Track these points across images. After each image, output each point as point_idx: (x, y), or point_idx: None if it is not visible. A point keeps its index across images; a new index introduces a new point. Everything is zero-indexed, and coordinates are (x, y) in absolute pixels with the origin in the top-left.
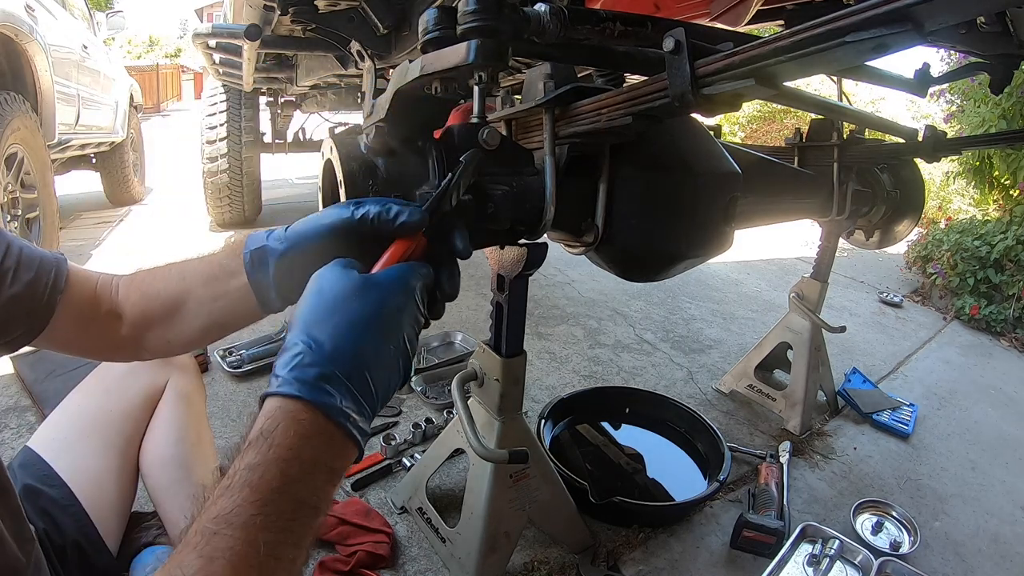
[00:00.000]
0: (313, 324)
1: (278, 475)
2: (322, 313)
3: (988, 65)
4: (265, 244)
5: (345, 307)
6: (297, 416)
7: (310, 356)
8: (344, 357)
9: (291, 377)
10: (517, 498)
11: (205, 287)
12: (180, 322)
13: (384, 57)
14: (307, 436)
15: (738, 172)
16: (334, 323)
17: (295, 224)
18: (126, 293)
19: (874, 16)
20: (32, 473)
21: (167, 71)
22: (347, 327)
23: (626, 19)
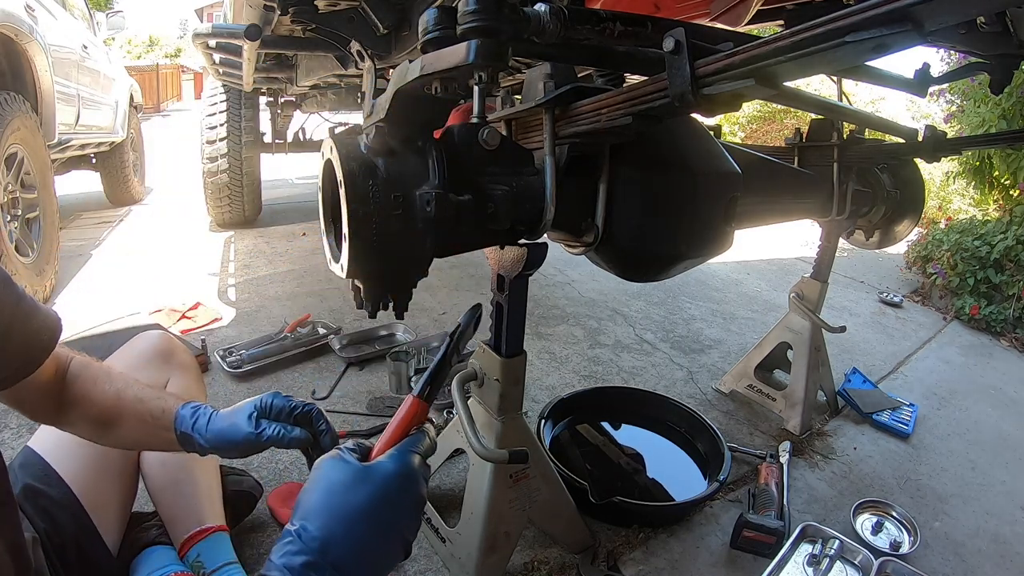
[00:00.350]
0: (308, 514)
1: None
2: (317, 504)
3: (988, 65)
4: (191, 435)
5: (340, 499)
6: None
7: (298, 545)
8: (334, 548)
9: (280, 563)
10: (517, 498)
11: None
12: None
13: (384, 57)
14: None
15: (738, 172)
16: (328, 514)
17: (216, 421)
18: (73, 377)
19: (874, 16)
20: (32, 473)
21: (167, 71)
22: (339, 519)
23: (626, 19)
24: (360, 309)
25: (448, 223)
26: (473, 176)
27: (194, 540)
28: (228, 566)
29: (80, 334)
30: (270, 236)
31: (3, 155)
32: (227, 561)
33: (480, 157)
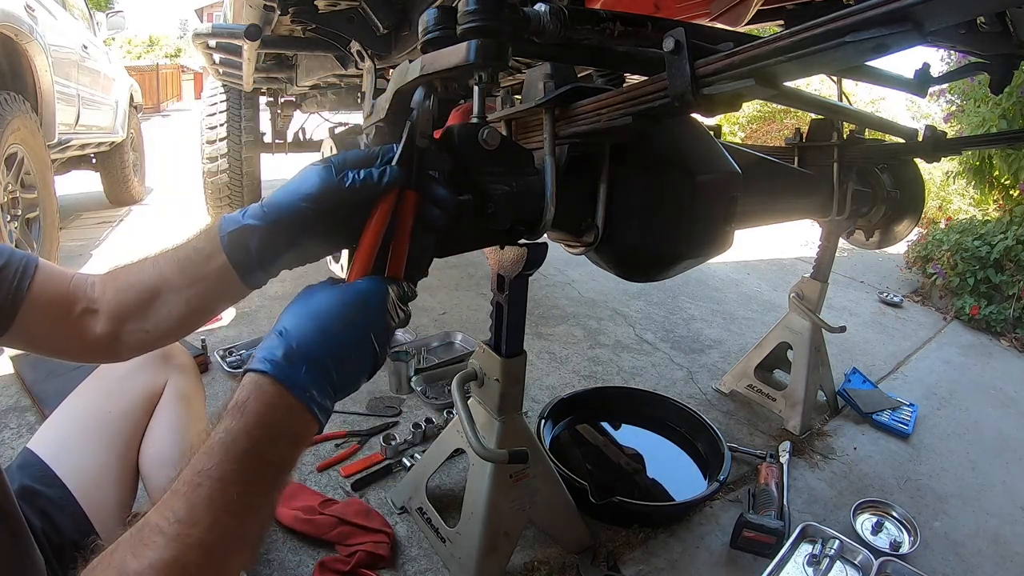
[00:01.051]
0: (288, 319)
1: (246, 438)
2: (297, 311)
3: (988, 65)
4: (242, 224)
5: (315, 304)
6: (265, 389)
7: (279, 341)
8: (307, 341)
9: (262, 357)
10: (517, 498)
11: (181, 273)
12: (157, 311)
13: (384, 57)
14: (272, 406)
15: (738, 172)
16: (305, 317)
17: (272, 196)
18: (102, 289)
19: (874, 16)
20: (31, 474)
21: (167, 71)
22: (315, 320)
23: (626, 19)
24: None
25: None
26: (473, 176)
27: None
28: None
29: None
30: None
31: (3, 155)
32: None
33: (480, 157)
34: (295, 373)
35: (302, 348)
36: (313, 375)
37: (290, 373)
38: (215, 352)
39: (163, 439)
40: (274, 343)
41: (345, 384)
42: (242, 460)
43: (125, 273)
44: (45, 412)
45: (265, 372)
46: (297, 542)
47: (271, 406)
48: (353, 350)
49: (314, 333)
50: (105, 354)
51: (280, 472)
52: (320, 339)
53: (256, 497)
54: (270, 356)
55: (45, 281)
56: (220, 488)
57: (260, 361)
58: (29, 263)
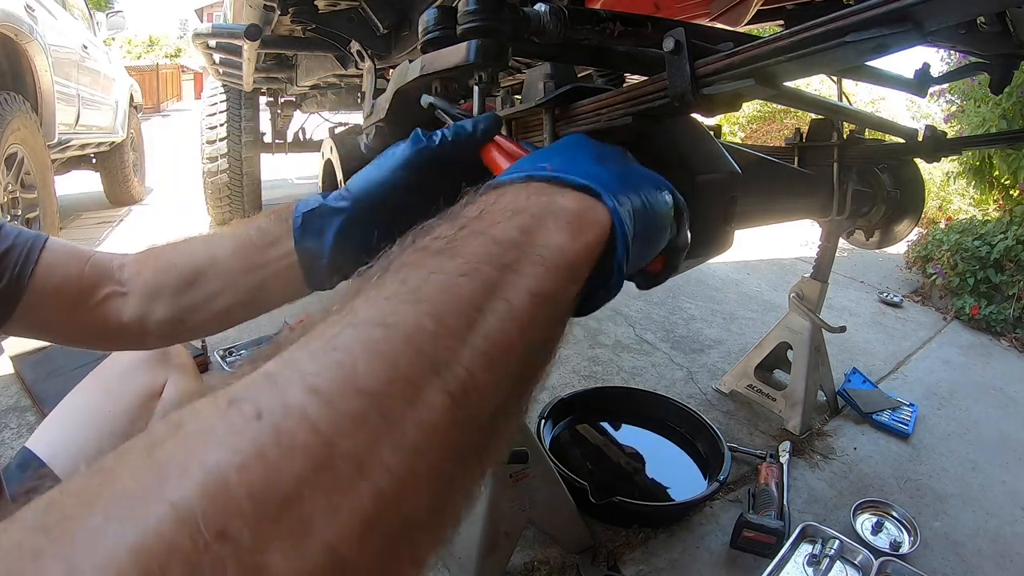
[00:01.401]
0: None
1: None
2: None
3: (988, 65)
4: (323, 204)
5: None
6: (524, 183)
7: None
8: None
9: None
10: (517, 498)
11: (235, 256)
12: (197, 297)
13: (384, 57)
14: (539, 192)
15: (738, 172)
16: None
17: (354, 179)
18: (136, 270)
19: (874, 16)
20: (30, 474)
21: (167, 71)
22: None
23: (626, 19)
24: None
25: None
26: (473, 176)
27: None
28: None
29: None
30: None
31: (3, 155)
32: None
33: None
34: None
35: (577, 167)
36: (618, 186)
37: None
38: (215, 352)
39: None
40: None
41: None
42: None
43: (168, 252)
44: (45, 412)
45: (521, 178)
46: None
47: (536, 192)
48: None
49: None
50: (131, 341)
51: (566, 311)
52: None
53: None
54: (526, 168)
55: (54, 264)
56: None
57: (507, 174)
58: (35, 245)
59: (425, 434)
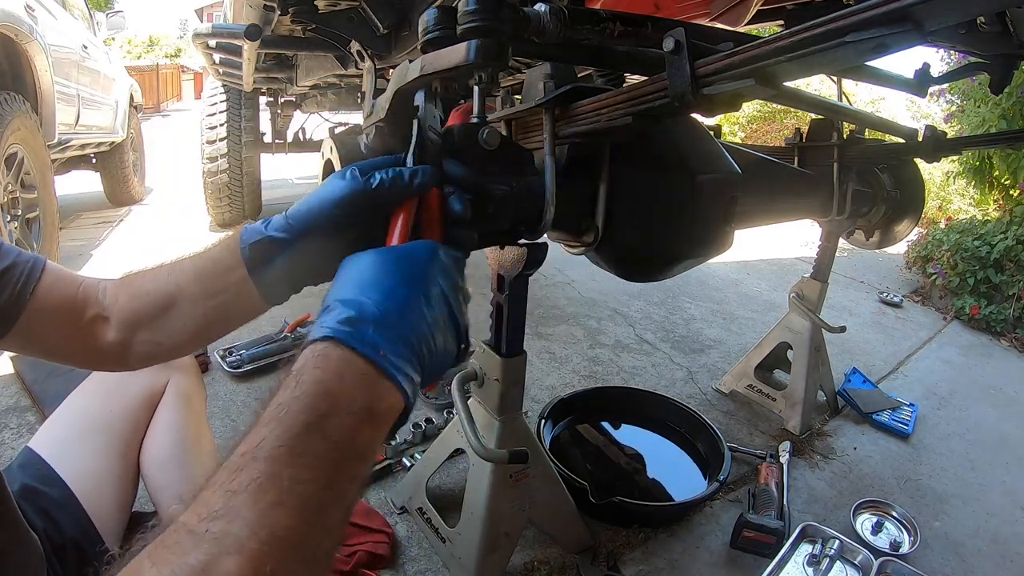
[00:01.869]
0: (343, 289)
1: (305, 408)
2: (353, 280)
3: (988, 65)
4: (264, 235)
5: (377, 271)
6: (326, 352)
7: (340, 309)
8: (378, 307)
9: (319, 325)
10: (517, 498)
11: (198, 283)
12: (171, 323)
13: (384, 57)
14: (336, 371)
15: (738, 172)
16: (367, 282)
17: (296, 207)
18: (115, 295)
19: (874, 16)
20: (32, 474)
21: (167, 71)
22: (380, 284)
23: (626, 19)
24: None
25: None
26: (473, 176)
27: None
28: None
29: None
30: None
31: (3, 155)
32: None
33: (480, 157)
34: (361, 332)
35: (365, 310)
36: (385, 333)
37: (355, 332)
38: (215, 352)
39: (164, 439)
40: (338, 313)
41: (431, 351)
42: (300, 436)
43: (140, 280)
44: (45, 412)
45: (322, 338)
46: None
47: (335, 372)
48: (427, 307)
49: (375, 293)
50: (114, 363)
51: (353, 457)
52: (383, 298)
53: (320, 488)
54: (326, 323)
55: (52, 285)
56: (268, 471)
57: (320, 328)
58: (36, 265)
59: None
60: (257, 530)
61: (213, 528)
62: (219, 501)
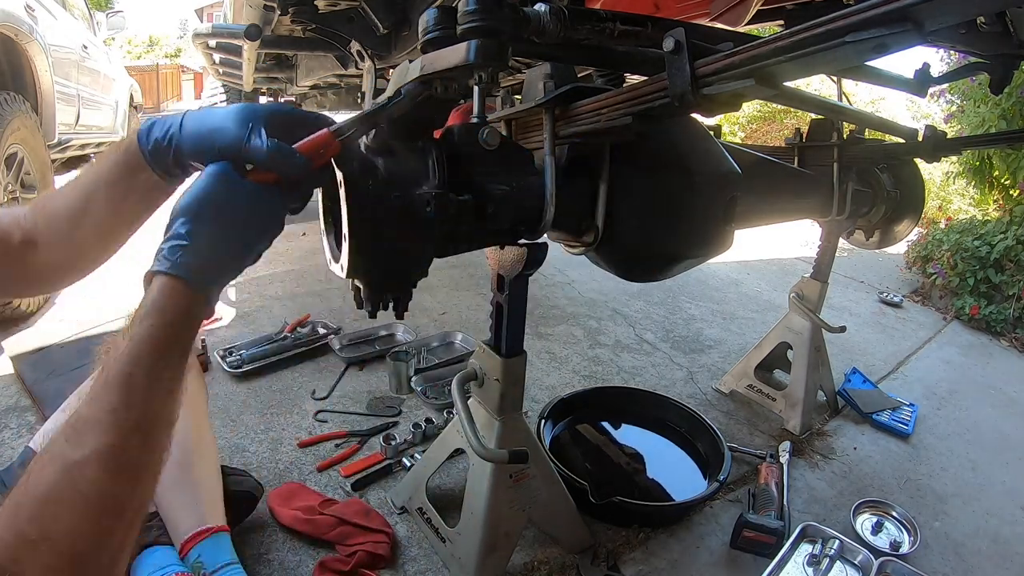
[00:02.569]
0: (189, 213)
1: (168, 331)
2: (200, 207)
3: (988, 65)
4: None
5: (222, 212)
6: (177, 289)
7: (178, 245)
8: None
9: (166, 255)
10: (517, 498)
11: (108, 188)
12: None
13: (384, 57)
14: (182, 305)
15: (738, 172)
16: (205, 220)
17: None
18: (33, 218)
19: (874, 16)
20: None
21: (167, 71)
22: (217, 228)
23: (626, 19)
24: (360, 309)
25: (448, 223)
26: (473, 176)
27: (195, 540)
28: (229, 566)
29: (79, 334)
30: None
31: (3, 155)
32: (228, 562)
33: (480, 157)
34: (199, 276)
35: (196, 248)
36: (211, 271)
37: (194, 275)
38: (215, 352)
39: None
40: (170, 246)
41: (229, 276)
42: (166, 348)
43: (51, 200)
44: (45, 412)
45: (175, 275)
46: (297, 542)
47: (182, 305)
48: (245, 254)
49: (214, 237)
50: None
51: (187, 354)
52: (219, 244)
53: (176, 381)
54: (169, 255)
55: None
56: (150, 376)
57: (159, 262)
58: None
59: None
60: (147, 413)
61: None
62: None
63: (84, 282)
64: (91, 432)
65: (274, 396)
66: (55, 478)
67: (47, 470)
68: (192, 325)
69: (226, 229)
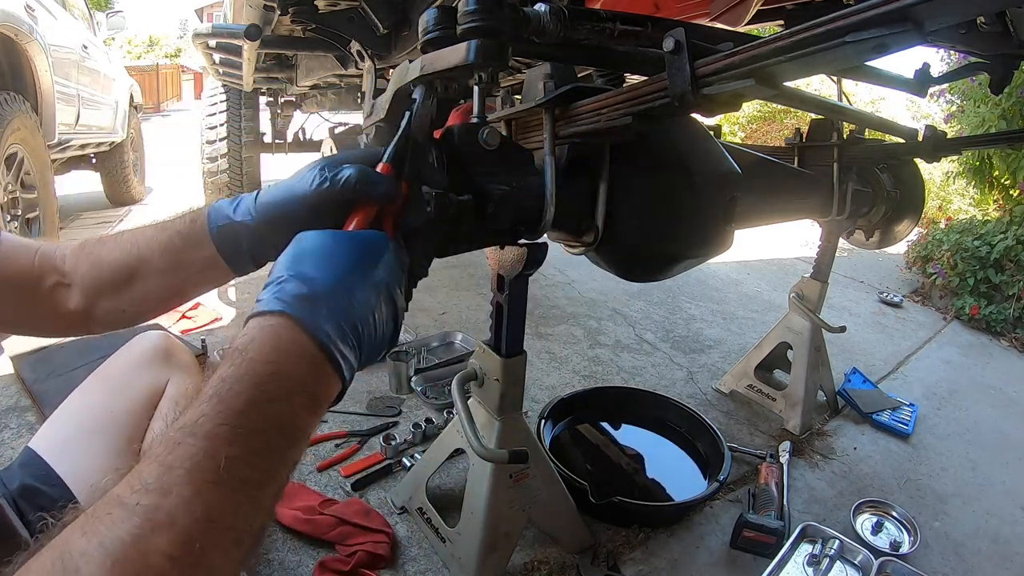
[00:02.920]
0: (297, 263)
1: (250, 387)
2: (308, 256)
3: (988, 65)
4: (232, 221)
5: (332, 252)
6: (277, 330)
7: (294, 284)
8: (331, 289)
9: (273, 296)
10: (517, 498)
11: (163, 257)
12: (134, 291)
13: (384, 57)
14: (285, 351)
15: (738, 172)
16: (321, 261)
17: (264, 196)
18: (74, 263)
19: (874, 16)
20: (32, 473)
21: (167, 71)
22: (334, 265)
23: (626, 19)
24: None
25: (448, 223)
26: (473, 176)
27: None
28: None
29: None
30: None
31: (3, 155)
32: None
33: (480, 157)
34: (315, 314)
35: (324, 293)
36: (336, 320)
37: (309, 313)
38: (215, 352)
39: None
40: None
41: (372, 347)
42: (242, 414)
43: (100, 248)
44: (45, 412)
45: (277, 312)
46: (297, 542)
47: (284, 351)
48: (375, 298)
49: (336, 278)
50: (78, 328)
51: (292, 441)
52: (344, 285)
53: (257, 471)
54: (282, 295)
55: (8, 256)
56: (207, 449)
57: (269, 301)
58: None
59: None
60: (191, 507)
61: (145, 501)
62: (154, 475)
63: None
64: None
65: None
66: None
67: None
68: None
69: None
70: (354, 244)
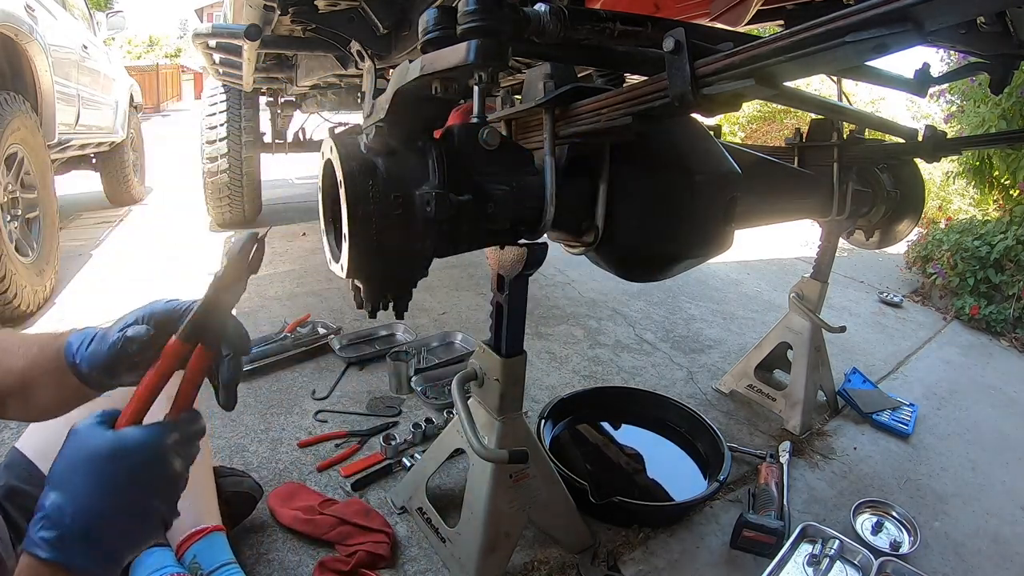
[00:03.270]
0: (60, 484)
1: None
2: (70, 474)
3: (988, 65)
4: (76, 364)
5: (90, 470)
6: (38, 571)
7: (52, 519)
8: (86, 520)
9: (40, 537)
10: (517, 498)
11: (47, 376)
12: (34, 398)
13: (384, 57)
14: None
15: (738, 172)
16: (77, 486)
17: (93, 345)
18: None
19: (874, 16)
20: (16, 474)
21: (167, 71)
22: (88, 493)
23: (626, 19)
24: (360, 309)
25: (448, 223)
26: (473, 176)
27: (191, 541)
28: (226, 566)
29: None
30: (270, 236)
31: (3, 155)
32: (224, 561)
33: (480, 157)
34: (72, 557)
35: (78, 526)
36: (90, 555)
37: (68, 557)
38: None
39: None
40: (47, 521)
41: (126, 549)
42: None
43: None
44: None
45: (44, 559)
46: (297, 542)
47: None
48: (133, 515)
49: (86, 508)
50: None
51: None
52: (95, 512)
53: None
54: (48, 537)
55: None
56: None
57: (32, 543)
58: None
59: None
60: None
61: None
62: None
63: (84, 281)
64: None
65: (274, 396)
66: None
67: None
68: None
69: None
70: (115, 460)
